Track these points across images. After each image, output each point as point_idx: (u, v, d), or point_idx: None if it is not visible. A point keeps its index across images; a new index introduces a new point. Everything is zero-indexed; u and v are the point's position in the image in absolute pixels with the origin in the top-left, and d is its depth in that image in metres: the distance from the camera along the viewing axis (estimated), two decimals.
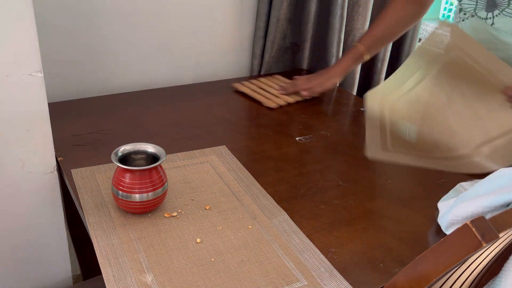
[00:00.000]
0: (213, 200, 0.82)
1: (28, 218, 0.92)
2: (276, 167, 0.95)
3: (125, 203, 0.74)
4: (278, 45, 1.40)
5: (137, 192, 0.73)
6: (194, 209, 0.80)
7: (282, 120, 1.15)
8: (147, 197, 0.74)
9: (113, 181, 0.75)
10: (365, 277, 0.69)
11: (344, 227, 0.79)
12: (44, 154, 0.87)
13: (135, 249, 0.70)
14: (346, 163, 0.99)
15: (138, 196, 0.73)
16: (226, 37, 1.37)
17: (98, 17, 1.14)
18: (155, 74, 1.30)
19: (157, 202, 0.76)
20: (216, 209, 0.80)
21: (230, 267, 0.68)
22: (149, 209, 0.76)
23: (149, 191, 0.73)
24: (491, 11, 0.89)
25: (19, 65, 0.77)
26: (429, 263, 0.44)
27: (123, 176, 0.73)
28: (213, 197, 0.83)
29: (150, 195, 0.74)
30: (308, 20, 1.40)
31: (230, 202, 0.82)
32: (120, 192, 0.73)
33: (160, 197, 0.76)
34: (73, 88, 1.19)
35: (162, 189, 0.75)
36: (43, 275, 1.00)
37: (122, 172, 0.73)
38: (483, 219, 0.41)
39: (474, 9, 0.91)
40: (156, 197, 0.75)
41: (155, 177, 0.74)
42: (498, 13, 0.87)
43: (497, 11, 0.87)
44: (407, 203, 0.87)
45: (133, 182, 0.73)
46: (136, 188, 0.73)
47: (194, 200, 0.82)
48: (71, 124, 1.03)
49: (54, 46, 1.12)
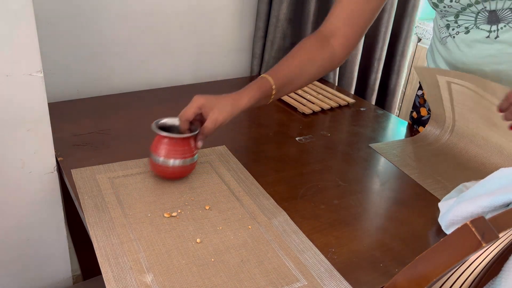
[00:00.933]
0: (213, 200, 0.82)
1: (28, 218, 0.92)
2: (276, 167, 0.95)
3: (162, 167, 0.83)
4: (278, 45, 1.40)
5: (171, 158, 0.82)
6: (194, 209, 0.80)
7: (282, 120, 1.15)
8: (180, 163, 0.82)
9: (151, 148, 0.83)
10: (365, 277, 0.69)
11: (344, 227, 0.79)
12: (44, 154, 0.87)
13: (135, 249, 0.70)
14: (346, 163, 0.99)
15: (172, 161, 0.82)
16: (226, 37, 1.37)
17: (98, 17, 1.14)
18: (155, 74, 1.30)
19: (188, 169, 0.85)
20: (216, 209, 0.80)
21: (230, 267, 0.68)
22: (181, 175, 0.85)
23: (184, 158, 0.82)
24: (495, 24, 0.87)
25: (19, 65, 0.77)
26: (429, 263, 0.44)
27: (161, 143, 0.82)
28: (213, 197, 0.83)
29: (188, 161, 0.83)
30: (307, 20, 1.40)
31: (230, 202, 0.82)
32: (157, 157, 0.82)
33: (191, 165, 0.84)
34: (73, 88, 1.19)
35: (191, 159, 0.84)
36: (43, 275, 1.00)
37: (161, 139, 0.82)
38: (483, 219, 0.41)
39: (474, 23, 0.90)
40: (186, 165, 0.83)
41: (187, 147, 0.82)
42: (503, 26, 0.86)
43: (502, 24, 0.86)
44: (407, 203, 0.87)
45: (169, 148, 0.81)
46: (171, 154, 0.82)
47: (194, 200, 0.82)
48: (71, 124, 1.03)
49: (54, 46, 1.12)
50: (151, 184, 0.85)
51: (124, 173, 0.87)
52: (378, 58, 1.58)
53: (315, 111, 1.20)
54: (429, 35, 1.79)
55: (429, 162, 1.00)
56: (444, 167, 0.98)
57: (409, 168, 0.97)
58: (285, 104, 1.24)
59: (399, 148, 1.05)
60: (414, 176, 0.95)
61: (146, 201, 0.81)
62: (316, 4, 1.39)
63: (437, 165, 0.99)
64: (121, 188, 0.83)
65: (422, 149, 1.04)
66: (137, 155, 0.93)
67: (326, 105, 1.22)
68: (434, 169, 0.98)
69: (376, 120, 1.20)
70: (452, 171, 0.97)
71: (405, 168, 0.98)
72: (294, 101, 1.24)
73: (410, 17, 1.57)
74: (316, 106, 1.22)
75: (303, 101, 1.24)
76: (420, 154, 1.03)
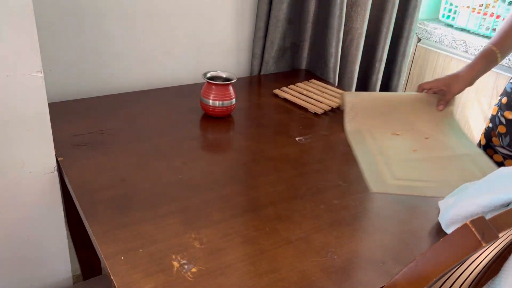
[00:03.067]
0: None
1: (28, 218, 0.92)
2: (276, 167, 0.95)
3: (211, 108, 1.10)
4: (278, 45, 1.40)
5: (218, 100, 1.09)
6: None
7: (282, 120, 1.15)
8: (222, 104, 1.09)
9: (202, 94, 1.11)
10: (365, 277, 0.69)
11: (344, 227, 0.79)
12: (44, 154, 0.87)
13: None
14: (346, 163, 0.99)
15: (218, 103, 1.09)
16: (226, 37, 1.37)
17: (98, 17, 1.14)
18: (155, 74, 1.30)
19: (230, 109, 1.12)
20: None
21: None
22: (224, 114, 1.12)
23: (225, 100, 1.09)
24: None
25: (19, 65, 0.77)
26: (429, 263, 0.44)
27: (210, 89, 1.09)
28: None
29: (225, 103, 1.10)
30: (307, 20, 1.41)
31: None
32: (206, 99, 1.09)
33: (231, 106, 1.11)
34: (73, 88, 1.19)
35: (229, 102, 1.10)
36: (43, 275, 1.01)
37: (210, 85, 1.09)
38: (483, 219, 0.41)
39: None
40: (229, 105, 1.11)
41: (227, 92, 1.09)
42: None
43: None
44: (407, 203, 0.87)
45: (215, 93, 1.09)
46: (218, 97, 1.09)
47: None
48: (71, 124, 1.03)
49: (54, 46, 1.12)
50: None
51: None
52: (380, 59, 1.58)
53: (326, 111, 1.21)
54: (429, 35, 1.80)
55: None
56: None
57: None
58: (285, 104, 1.24)
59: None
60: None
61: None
62: (316, 4, 1.39)
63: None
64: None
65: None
66: (137, 155, 0.93)
67: (334, 104, 1.23)
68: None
69: None
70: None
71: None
72: (303, 101, 1.24)
73: (411, 17, 1.57)
74: (325, 105, 1.22)
75: (311, 101, 1.24)
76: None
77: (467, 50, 1.67)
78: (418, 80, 1.88)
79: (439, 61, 1.79)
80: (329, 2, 1.37)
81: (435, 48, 1.79)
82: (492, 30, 1.64)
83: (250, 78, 1.40)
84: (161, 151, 0.96)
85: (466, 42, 1.67)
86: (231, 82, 1.09)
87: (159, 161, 0.93)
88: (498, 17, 1.64)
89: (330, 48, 1.41)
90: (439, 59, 1.78)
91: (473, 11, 1.70)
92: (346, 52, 1.51)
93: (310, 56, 1.49)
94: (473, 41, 1.65)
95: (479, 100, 1.67)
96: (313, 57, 1.49)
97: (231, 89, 1.10)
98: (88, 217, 0.76)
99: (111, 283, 0.65)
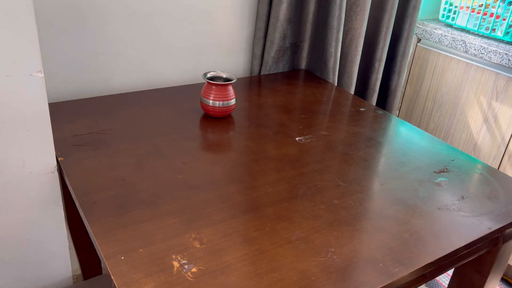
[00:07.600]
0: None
1: (28, 218, 0.92)
2: (276, 167, 0.95)
3: (211, 108, 1.10)
4: (278, 46, 1.40)
5: (218, 100, 1.10)
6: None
7: (282, 120, 1.15)
8: (222, 104, 1.10)
9: (202, 94, 1.11)
10: (365, 277, 0.69)
11: (344, 227, 0.79)
12: (44, 154, 0.87)
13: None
14: (346, 163, 0.99)
15: (218, 103, 1.10)
16: (226, 37, 1.37)
17: (98, 17, 1.14)
18: (155, 74, 1.30)
19: (230, 109, 1.12)
20: None
21: None
22: (224, 114, 1.12)
23: (224, 101, 1.10)
24: None
25: (19, 65, 0.77)
26: None
27: (210, 89, 1.10)
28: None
29: (225, 103, 1.10)
30: (307, 20, 1.41)
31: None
32: (207, 100, 1.10)
33: (231, 106, 1.12)
34: (73, 88, 1.19)
35: (229, 102, 1.10)
36: (43, 275, 1.01)
37: (210, 86, 1.10)
38: None
39: None
40: (228, 105, 1.11)
41: (226, 92, 1.10)
42: None
43: None
44: (407, 203, 0.87)
45: (215, 94, 1.09)
46: (218, 97, 1.09)
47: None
48: (71, 124, 1.03)
49: (54, 46, 1.12)
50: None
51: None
52: (379, 59, 1.58)
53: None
54: (429, 35, 1.80)
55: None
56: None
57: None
58: (285, 104, 1.24)
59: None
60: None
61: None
62: (315, 4, 1.39)
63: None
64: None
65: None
66: (137, 155, 0.93)
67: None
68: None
69: (376, 120, 1.21)
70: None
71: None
72: None
73: (411, 17, 1.58)
74: None
75: None
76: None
77: (467, 50, 1.67)
78: (418, 80, 1.88)
79: (438, 61, 1.79)
80: (329, 2, 1.37)
81: (435, 48, 1.80)
82: (492, 31, 1.64)
83: (250, 78, 1.41)
84: (161, 151, 0.96)
85: (466, 42, 1.67)
86: (231, 82, 1.10)
87: (159, 161, 0.93)
88: (498, 17, 1.64)
89: (329, 48, 1.41)
90: (439, 59, 1.78)
91: (473, 11, 1.70)
92: (345, 52, 1.51)
93: (310, 56, 1.49)
94: (473, 42, 1.65)
95: (479, 100, 1.67)
96: (313, 57, 1.49)
97: (231, 89, 1.11)
98: (88, 217, 0.76)
99: (111, 283, 0.65)
